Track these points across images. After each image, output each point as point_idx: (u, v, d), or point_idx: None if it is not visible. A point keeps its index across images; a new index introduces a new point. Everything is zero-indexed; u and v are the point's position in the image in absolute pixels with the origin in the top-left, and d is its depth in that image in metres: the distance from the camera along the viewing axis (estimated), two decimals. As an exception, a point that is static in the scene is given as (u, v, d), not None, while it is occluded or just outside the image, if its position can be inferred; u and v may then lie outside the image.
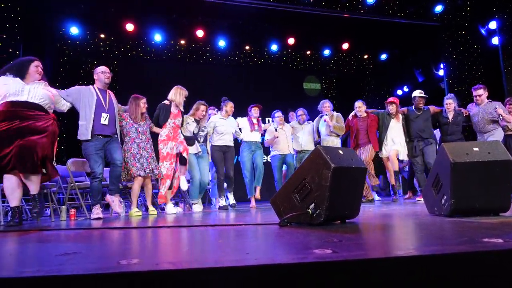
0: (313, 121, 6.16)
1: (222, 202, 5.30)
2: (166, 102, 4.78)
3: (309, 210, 2.08)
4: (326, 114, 5.77)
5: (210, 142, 5.50)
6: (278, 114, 5.89)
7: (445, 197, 2.29)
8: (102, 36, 8.41)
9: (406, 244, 1.36)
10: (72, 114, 4.11)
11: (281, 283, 0.98)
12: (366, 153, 5.68)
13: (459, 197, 2.22)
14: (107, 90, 4.19)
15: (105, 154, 4.05)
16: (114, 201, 4.07)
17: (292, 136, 6.02)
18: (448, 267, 1.04)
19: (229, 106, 5.53)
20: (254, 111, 5.69)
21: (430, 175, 2.56)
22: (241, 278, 0.98)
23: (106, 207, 5.58)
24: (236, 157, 5.75)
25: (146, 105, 4.53)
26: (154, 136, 4.73)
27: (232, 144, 5.56)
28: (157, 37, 8.52)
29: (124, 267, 1.02)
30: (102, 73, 4.12)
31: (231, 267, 0.99)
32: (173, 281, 0.95)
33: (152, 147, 4.54)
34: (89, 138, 3.88)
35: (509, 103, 5.49)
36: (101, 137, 3.98)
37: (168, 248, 1.53)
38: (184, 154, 4.67)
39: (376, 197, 5.87)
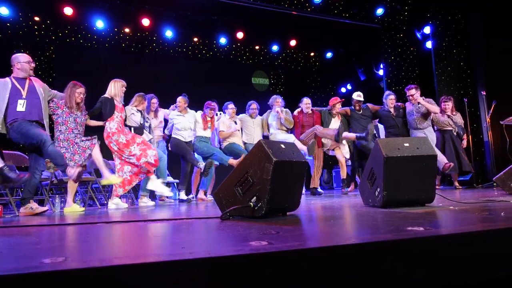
0: (261, 116, 6.22)
1: (182, 195, 5.37)
2: (107, 95, 4.55)
3: (251, 203, 2.10)
4: (277, 107, 5.87)
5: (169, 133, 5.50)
6: (231, 106, 5.87)
7: (378, 190, 2.44)
8: (37, 19, 7.79)
9: (339, 234, 1.43)
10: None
11: (216, 276, 0.98)
12: (319, 161, 5.86)
13: (391, 189, 2.37)
14: (28, 77, 3.88)
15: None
16: (32, 207, 3.74)
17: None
18: (376, 254, 1.11)
19: (177, 100, 5.49)
20: (209, 113, 5.61)
21: (365, 169, 2.70)
22: (174, 273, 0.97)
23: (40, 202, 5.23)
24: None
25: (82, 96, 4.24)
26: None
27: (191, 139, 5.52)
28: (99, 24, 8.07)
29: (47, 266, 0.96)
30: (27, 63, 3.82)
31: (163, 262, 0.97)
32: (102, 279, 0.91)
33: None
34: (4, 132, 3.61)
35: (444, 101, 5.99)
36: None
37: (100, 244, 1.46)
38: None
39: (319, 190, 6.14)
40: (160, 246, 1.32)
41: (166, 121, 5.65)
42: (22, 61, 3.81)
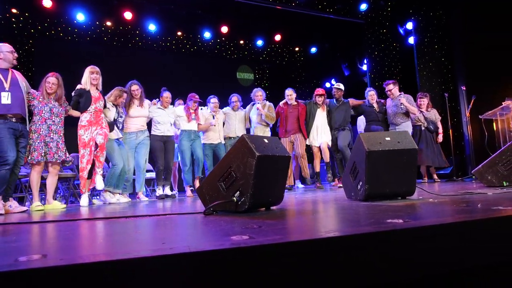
0: (245, 109, 6.21)
1: (159, 191, 5.26)
2: (82, 86, 4.44)
3: (234, 198, 2.10)
4: (259, 103, 5.86)
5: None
6: (213, 100, 5.84)
7: (360, 183, 2.47)
8: (14, 11, 7.55)
9: (321, 228, 1.44)
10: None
11: (196, 271, 0.97)
12: (300, 148, 5.87)
13: (373, 183, 2.40)
14: (10, 69, 3.77)
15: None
16: (11, 205, 3.64)
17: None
18: (356, 246, 1.12)
19: (163, 96, 5.43)
20: (192, 105, 5.55)
21: (348, 163, 2.73)
22: (154, 269, 0.96)
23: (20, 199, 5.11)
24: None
25: (52, 86, 4.06)
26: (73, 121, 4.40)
27: (171, 134, 5.47)
28: (80, 16, 7.88)
29: (22, 264, 0.93)
30: (10, 52, 3.71)
31: (143, 258, 0.95)
32: (79, 277, 0.89)
33: (63, 132, 4.19)
34: None
35: (420, 97, 6.10)
36: (13, 120, 3.61)
37: (79, 242, 1.43)
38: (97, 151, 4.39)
39: (300, 185, 6.20)
40: (140, 242, 1.30)
41: None
42: (5, 51, 3.72)
